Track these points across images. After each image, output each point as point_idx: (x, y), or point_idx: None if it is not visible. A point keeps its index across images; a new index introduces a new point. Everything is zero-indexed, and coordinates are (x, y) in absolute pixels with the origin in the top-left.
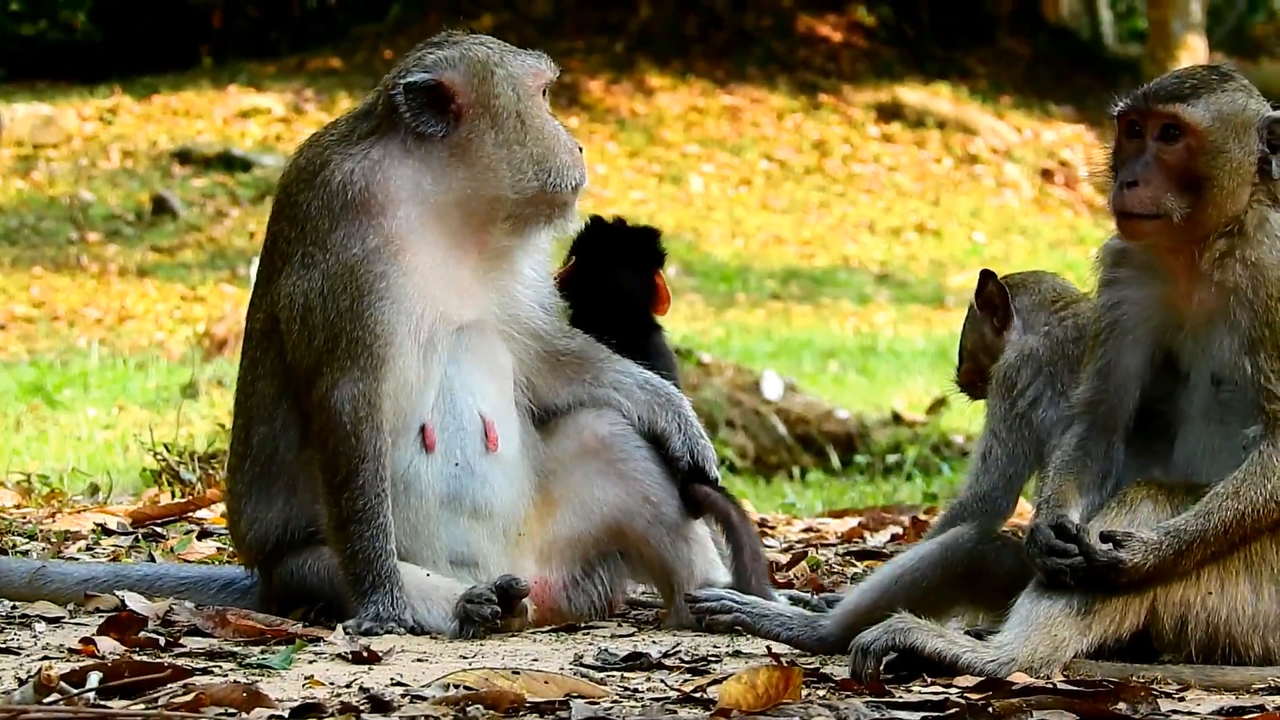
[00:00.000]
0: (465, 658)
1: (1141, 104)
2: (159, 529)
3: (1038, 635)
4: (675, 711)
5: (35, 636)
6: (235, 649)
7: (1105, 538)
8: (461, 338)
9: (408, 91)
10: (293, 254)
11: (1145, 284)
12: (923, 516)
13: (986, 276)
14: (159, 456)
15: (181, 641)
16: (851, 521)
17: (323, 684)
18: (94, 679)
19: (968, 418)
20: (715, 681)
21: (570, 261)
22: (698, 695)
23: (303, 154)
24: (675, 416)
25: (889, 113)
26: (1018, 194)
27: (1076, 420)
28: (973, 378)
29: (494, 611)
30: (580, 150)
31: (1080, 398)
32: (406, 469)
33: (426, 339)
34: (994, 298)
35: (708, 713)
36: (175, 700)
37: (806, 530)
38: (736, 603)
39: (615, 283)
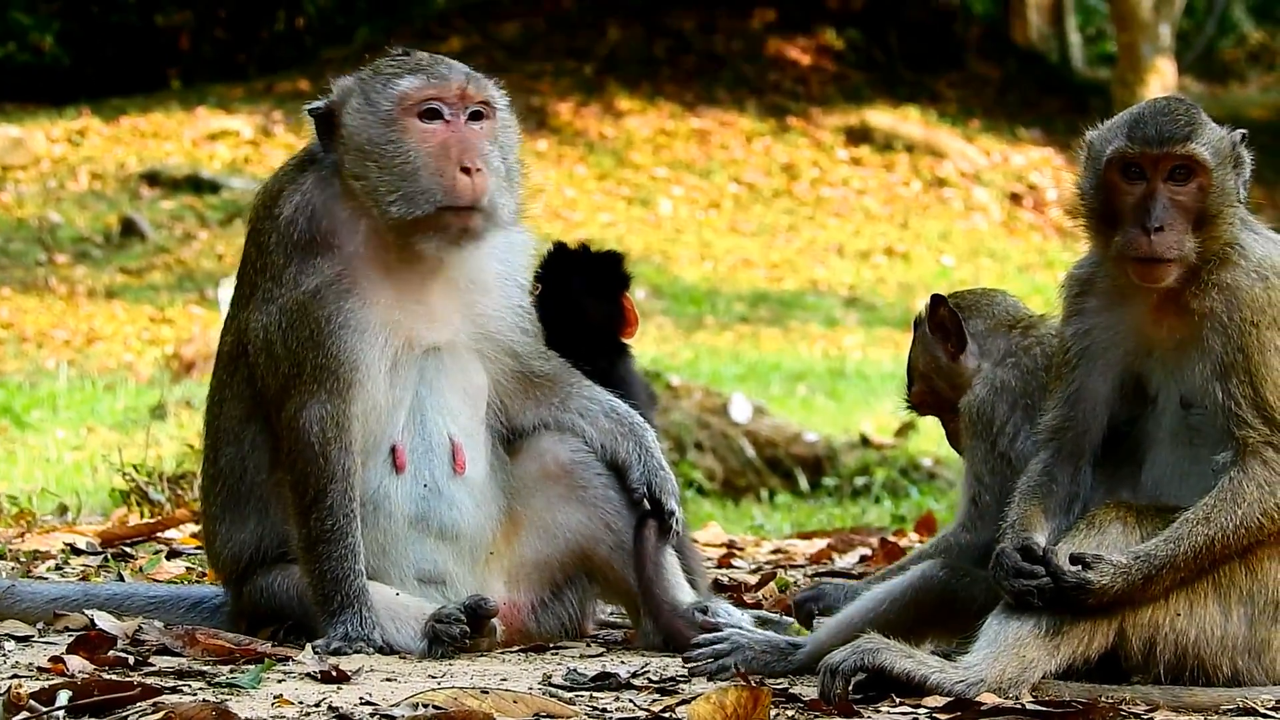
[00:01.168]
0: (434, 677)
1: (1154, 147)
2: (128, 549)
3: (1006, 656)
4: None
5: (4, 655)
6: (204, 668)
7: (1074, 560)
8: (434, 359)
9: (310, 115)
10: (258, 285)
11: (1114, 310)
12: (891, 539)
13: (937, 301)
14: (128, 477)
15: (151, 660)
16: (820, 543)
17: (292, 703)
18: (63, 697)
19: (936, 440)
20: (684, 701)
21: (536, 288)
22: (666, 715)
23: (270, 179)
24: (637, 447)
25: (858, 136)
26: (986, 217)
27: (1043, 447)
28: (925, 398)
29: (463, 631)
30: (467, 170)
31: (1047, 424)
32: (376, 489)
33: (393, 363)
34: (946, 322)
35: None
36: (145, 719)
37: (775, 552)
38: (736, 640)
39: (581, 308)
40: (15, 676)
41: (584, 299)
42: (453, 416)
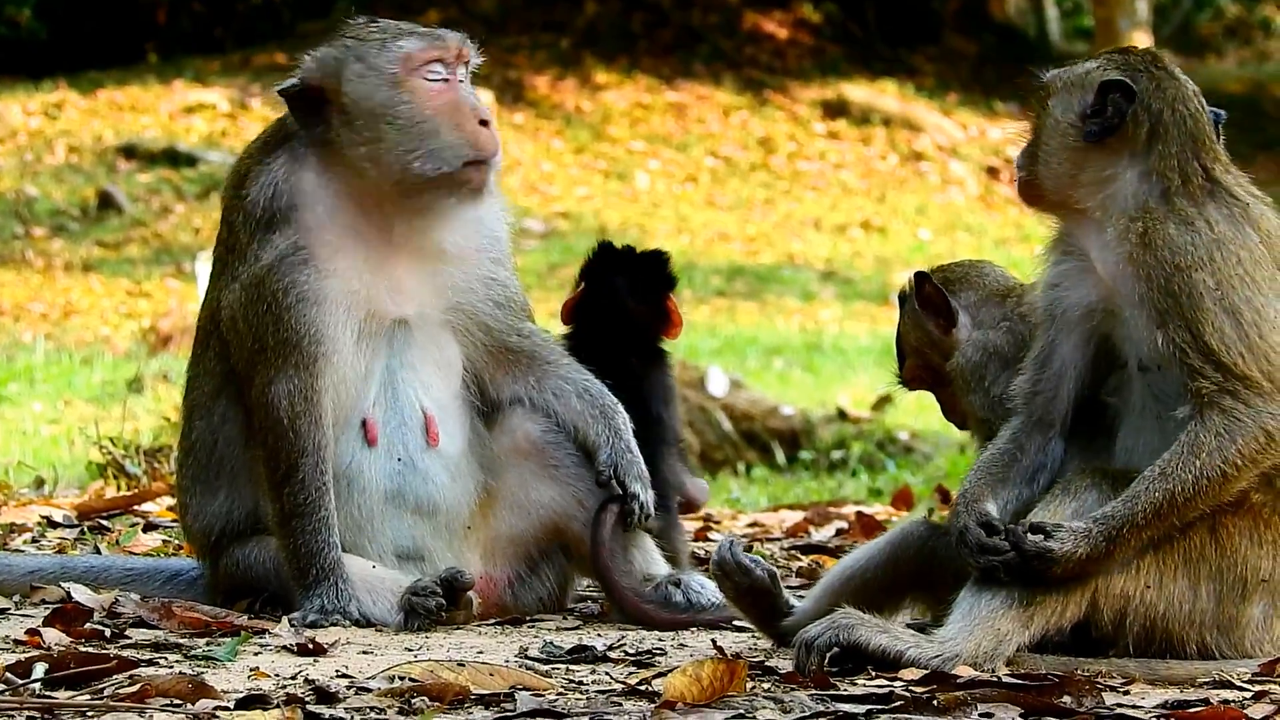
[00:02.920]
0: (410, 650)
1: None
2: (105, 522)
3: (981, 629)
4: (620, 704)
5: None
6: (181, 640)
7: (1035, 529)
8: (403, 331)
9: (284, 97)
10: (226, 263)
11: (1083, 270)
12: (867, 511)
13: (922, 278)
14: (104, 450)
15: (127, 633)
16: (796, 516)
17: (268, 675)
18: (40, 670)
19: (912, 414)
20: (660, 674)
21: (579, 288)
22: (643, 688)
23: (240, 159)
24: (607, 429)
25: (835, 110)
26: (963, 191)
27: (1015, 413)
28: (918, 373)
29: (439, 604)
30: (484, 122)
31: (1019, 388)
32: (349, 464)
33: (358, 335)
34: (933, 298)
35: (652, 705)
36: (121, 691)
37: (751, 525)
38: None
39: (624, 307)
40: None
41: (628, 298)
42: (425, 389)
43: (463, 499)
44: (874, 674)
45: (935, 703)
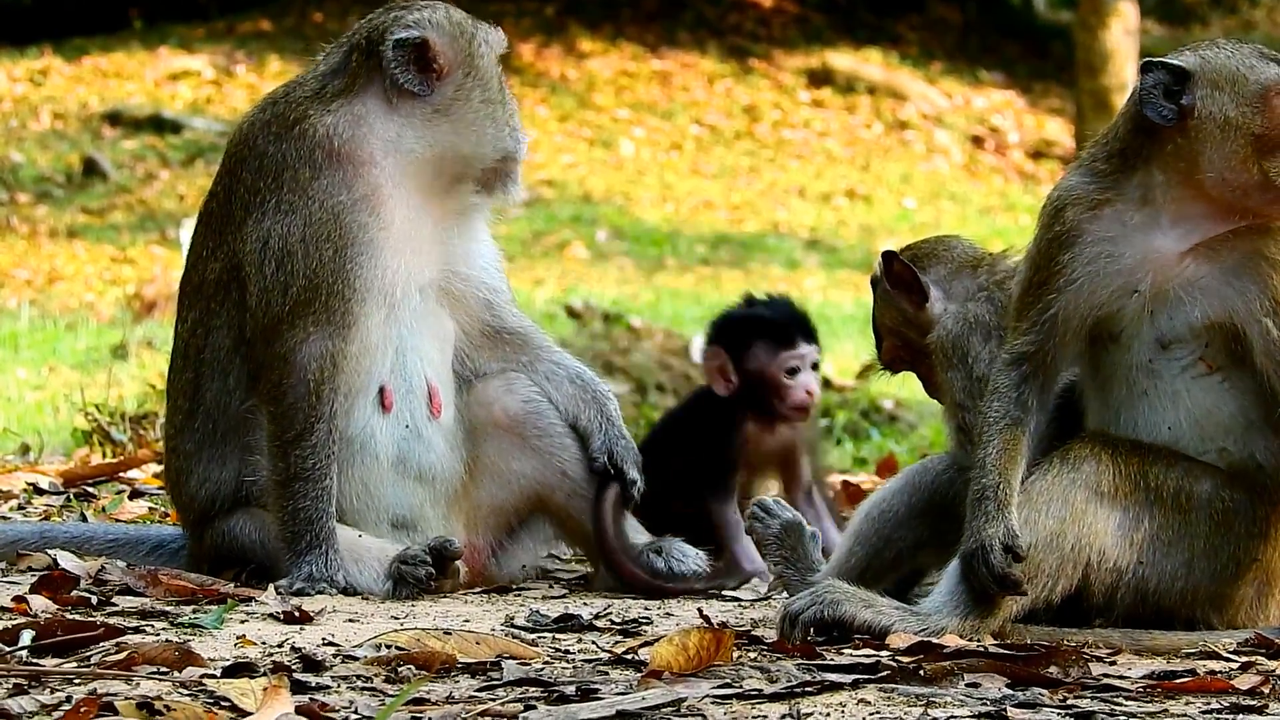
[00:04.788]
0: (397, 618)
1: None
2: (90, 489)
3: (969, 603)
4: (606, 673)
5: None
6: (167, 608)
7: (1007, 550)
8: (414, 302)
9: (396, 48)
10: (264, 201)
11: (1129, 239)
12: (852, 480)
13: (890, 257)
14: (89, 417)
15: (114, 600)
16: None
17: (254, 643)
18: (26, 637)
19: (897, 384)
20: (646, 643)
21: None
22: (629, 657)
23: (267, 111)
24: (599, 415)
25: (819, 78)
26: (948, 160)
27: (1010, 368)
28: (897, 354)
29: (428, 573)
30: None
31: (1014, 348)
32: (363, 429)
33: (391, 298)
34: (903, 275)
35: (639, 674)
36: (107, 659)
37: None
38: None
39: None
40: None
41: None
42: (428, 360)
43: (457, 468)
44: (860, 644)
45: (922, 673)
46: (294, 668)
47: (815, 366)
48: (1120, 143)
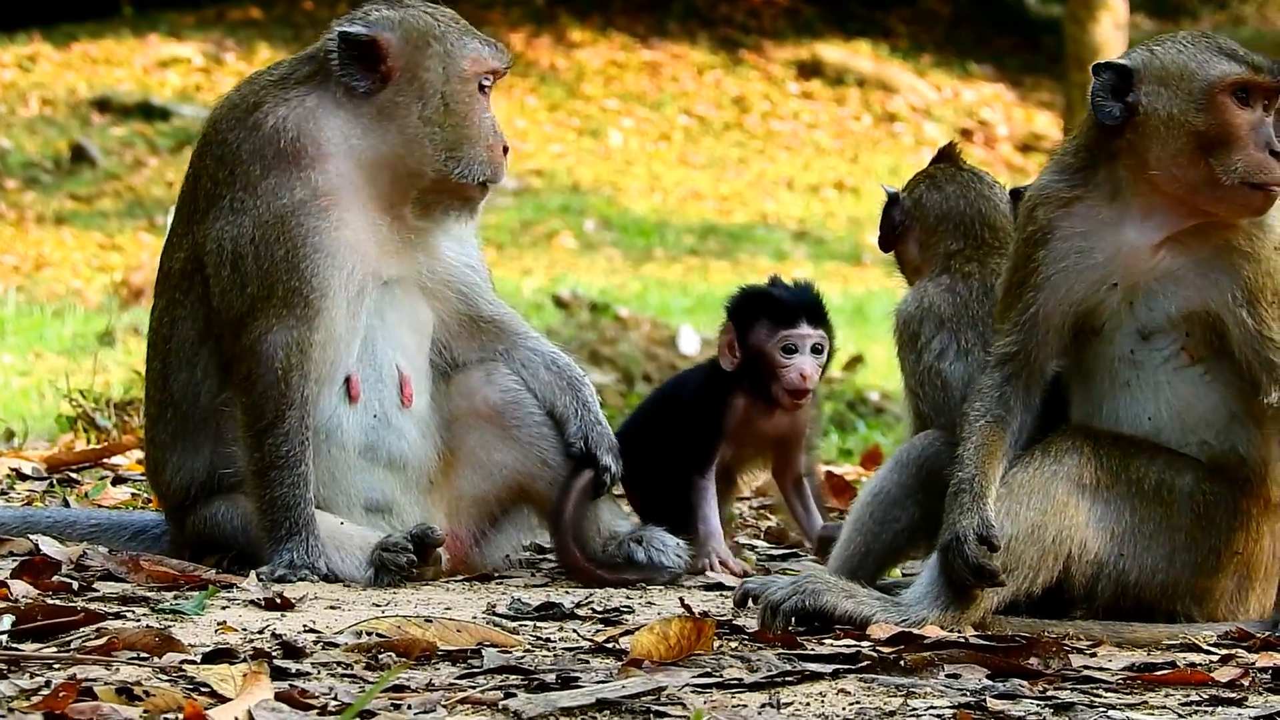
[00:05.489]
0: (378, 605)
1: (1272, 76)
2: (74, 475)
3: (949, 593)
4: (587, 661)
5: None
6: (148, 594)
7: (982, 540)
8: (386, 292)
9: (342, 41)
10: (220, 196)
11: (1100, 234)
12: (837, 471)
13: (892, 198)
14: (75, 403)
15: (95, 586)
16: (766, 475)
17: (235, 630)
18: (6, 622)
19: (883, 375)
20: (627, 632)
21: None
22: (610, 645)
23: (238, 91)
24: (575, 400)
25: (809, 70)
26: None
27: (994, 369)
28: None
29: (410, 560)
30: (505, 150)
31: (998, 349)
32: (329, 418)
33: (356, 292)
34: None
35: (619, 663)
36: (88, 644)
37: None
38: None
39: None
40: None
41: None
42: (401, 349)
43: (431, 455)
44: (841, 634)
45: (902, 663)
46: (274, 654)
47: (818, 351)
48: (1085, 138)
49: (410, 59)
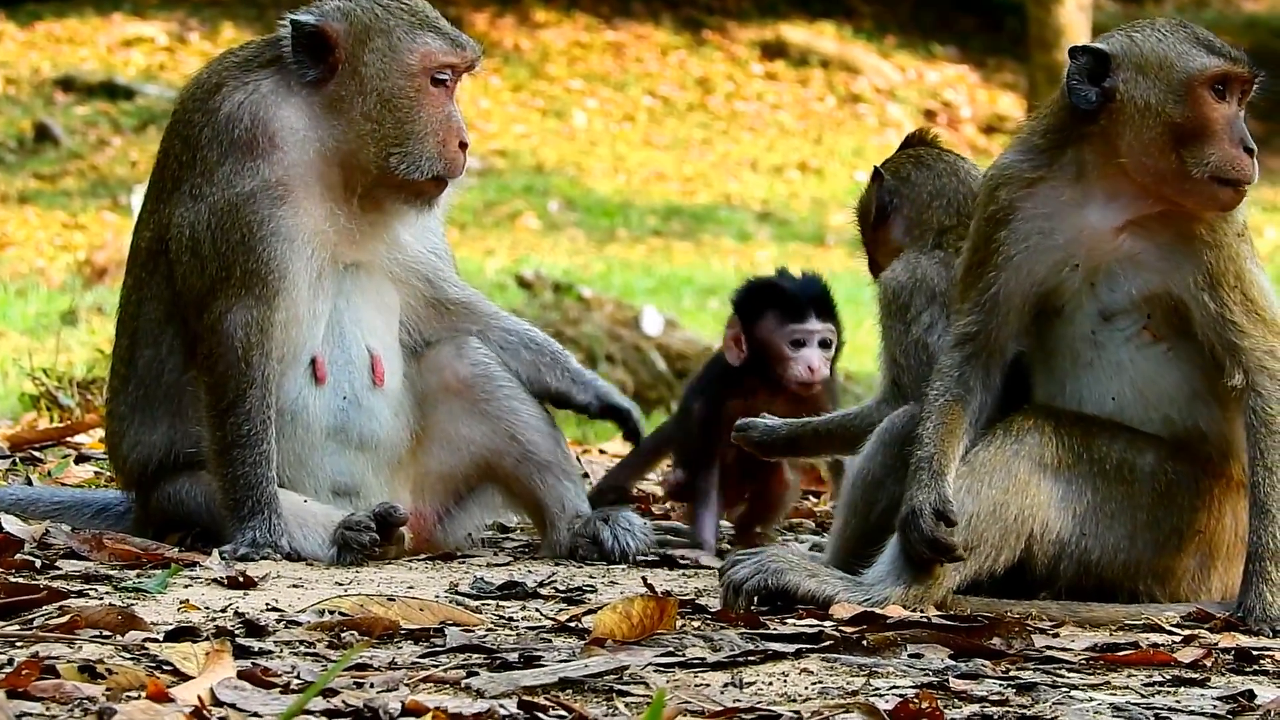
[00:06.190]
0: (341, 584)
1: (1247, 68)
2: (36, 453)
3: (911, 571)
4: (550, 640)
5: None
6: (111, 572)
7: (939, 515)
8: (351, 274)
9: (293, 29)
10: (183, 180)
11: (1063, 216)
12: None
13: (876, 174)
14: (38, 381)
15: (58, 564)
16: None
17: (198, 608)
18: None
19: (846, 356)
20: (590, 611)
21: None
22: (573, 624)
23: (206, 69)
24: (564, 372)
25: (773, 51)
26: (900, 133)
27: (955, 348)
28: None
29: (373, 539)
30: (464, 145)
31: (959, 329)
32: (295, 399)
33: (316, 275)
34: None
35: (582, 642)
36: (51, 622)
37: None
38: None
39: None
40: None
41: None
42: (370, 330)
43: (404, 435)
44: (804, 613)
45: (865, 643)
46: (237, 632)
47: (825, 345)
48: (1054, 119)
49: (353, 51)
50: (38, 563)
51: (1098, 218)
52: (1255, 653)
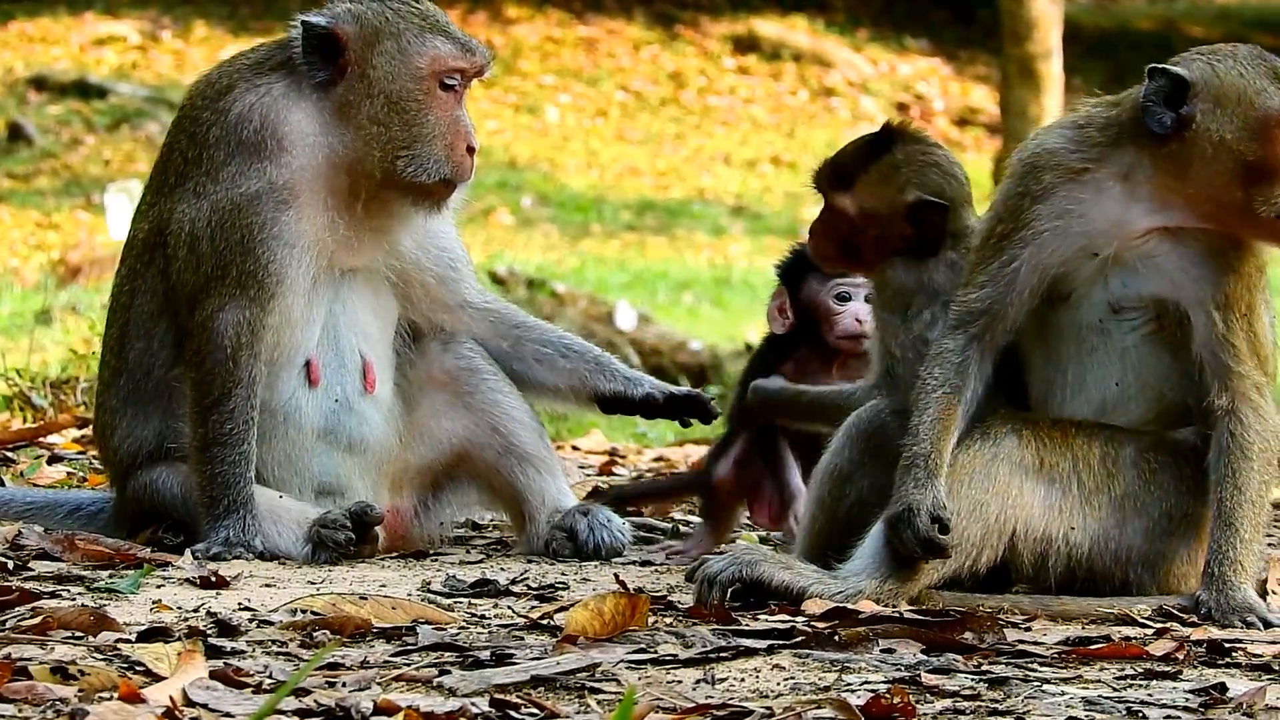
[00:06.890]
0: (313, 583)
1: None
2: (9, 454)
3: (887, 567)
4: (522, 638)
5: None
6: (84, 573)
7: (934, 519)
8: (348, 279)
9: (304, 30)
10: (188, 176)
11: (1099, 203)
12: None
13: (929, 207)
14: (11, 382)
15: (30, 565)
16: (701, 451)
17: (170, 608)
18: None
19: None
20: (562, 608)
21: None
22: (545, 622)
23: (217, 69)
24: (612, 374)
25: (745, 45)
26: (873, 127)
27: (958, 329)
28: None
29: (348, 538)
30: (471, 149)
31: (967, 304)
32: (287, 401)
33: (313, 279)
34: (935, 221)
35: (554, 639)
36: (23, 623)
37: (657, 459)
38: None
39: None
40: None
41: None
42: (364, 336)
43: (393, 440)
44: (776, 609)
45: (837, 638)
46: (209, 632)
47: (869, 300)
48: (1123, 126)
49: (362, 54)
50: (10, 564)
51: (1136, 214)
52: (1228, 645)
